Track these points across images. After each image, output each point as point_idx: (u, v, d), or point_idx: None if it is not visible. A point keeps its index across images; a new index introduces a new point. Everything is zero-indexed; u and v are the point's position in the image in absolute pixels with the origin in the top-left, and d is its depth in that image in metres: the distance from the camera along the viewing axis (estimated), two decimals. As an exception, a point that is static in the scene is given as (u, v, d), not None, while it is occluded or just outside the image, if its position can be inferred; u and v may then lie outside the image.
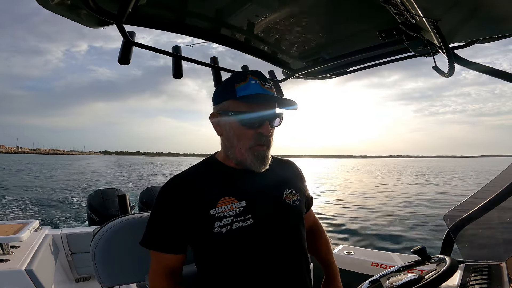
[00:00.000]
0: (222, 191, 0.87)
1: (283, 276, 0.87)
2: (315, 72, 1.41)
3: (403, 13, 0.77)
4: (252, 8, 0.98)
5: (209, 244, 0.86)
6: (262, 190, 0.91)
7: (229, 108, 0.87)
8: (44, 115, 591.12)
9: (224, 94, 0.89)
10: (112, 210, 2.56)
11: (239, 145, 0.87)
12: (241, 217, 0.84)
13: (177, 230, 0.85)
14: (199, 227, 0.85)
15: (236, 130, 0.86)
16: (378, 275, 0.97)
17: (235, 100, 0.85)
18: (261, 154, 0.87)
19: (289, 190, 0.96)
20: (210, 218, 0.83)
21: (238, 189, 0.88)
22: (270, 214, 0.89)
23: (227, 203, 0.85)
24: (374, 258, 1.81)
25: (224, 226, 0.83)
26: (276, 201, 0.92)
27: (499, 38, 0.93)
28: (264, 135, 0.86)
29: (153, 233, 0.87)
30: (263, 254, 0.86)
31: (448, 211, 1.38)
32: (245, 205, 0.85)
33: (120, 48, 0.95)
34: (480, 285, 0.97)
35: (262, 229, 0.86)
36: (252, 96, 0.84)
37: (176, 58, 1.08)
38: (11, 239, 1.63)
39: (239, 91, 0.84)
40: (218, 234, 0.82)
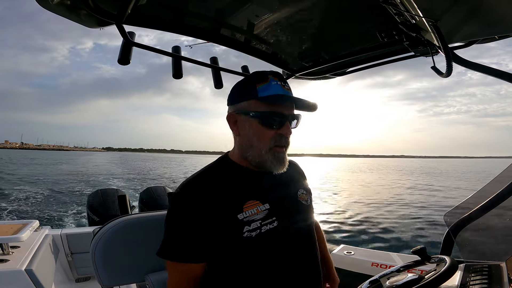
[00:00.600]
0: (245, 195, 0.85)
1: (304, 274, 0.89)
2: (315, 72, 1.41)
3: (403, 13, 0.77)
4: (252, 8, 0.98)
5: (237, 249, 0.83)
6: (281, 192, 0.91)
7: (250, 108, 0.85)
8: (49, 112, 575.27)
9: (244, 94, 0.87)
10: (112, 210, 2.56)
11: (259, 145, 0.85)
12: (268, 220, 0.84)
13: (201, 237, 0.82)
14: (226, 233, 0.82)
15: (256, 130, 0.85)
16: (378, 275, 0.97)
17: (257, 100, 0.84)
18: (280, 155, 0.87)
19: (301, 191, 0.97)
20: (238, 223, 0.81)
21: (260, 191, 0.87)
22: (290, 215, 0.90)
23: (253, 206, 0.84)
24: (374, 258, 1.81)
25: (254, 230, 0.82)
26: (294, 202, 0.93)
27: (499, 38, 0.93)
28: (284, 136, 0.85)
29: (175, 243, 0.83)
30: (287, 253, 0.87)
31: (448, 211, 1.38)
32: (269, 207, 0.85)
33: (120, 48, 0.95)
34: (480, 285, 0.97)
35: (285, 230, 0.87)
36: (274, 97, 0.83)
37: (176, 58, 1.08)
38: (11, 239, 1.63)
39: (260, 91, 0.84)
40: (248, 239, 0.81)
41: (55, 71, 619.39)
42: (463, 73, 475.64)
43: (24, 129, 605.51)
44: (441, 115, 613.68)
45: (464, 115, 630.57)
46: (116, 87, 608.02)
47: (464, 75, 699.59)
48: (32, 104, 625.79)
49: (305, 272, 0.90)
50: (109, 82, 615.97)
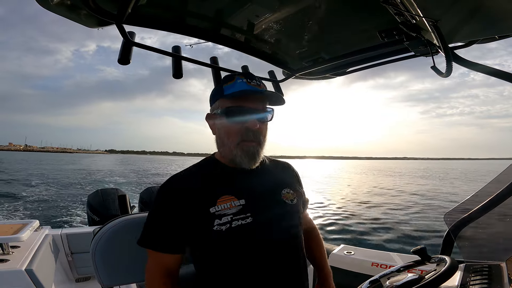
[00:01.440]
0: (221, 190, 0.87)
1: (281, 273, 0.88)
2: (315, 72, 1.41)
3: (403, 13, 0.77)
4: (252, 8, 0.98)
5: (208, 243, 0.86)
6: (260, 189, 0.92)
7: (219, 107, 0.91)
8: (53, 114, 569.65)
9: (215, 95, 0.94)
10: (112, 210, 2.56)
11: (228, 141, 0.89)
12: (241, 215, 0.85)
13: (176, 229, 0.86)
14: (198, 226, 0.85)
15: (224, 126, 0.89)
16: (378, 275, 0.97)
17: (223, 99, 0.89)
18: (250, 150, 0.88)
19: (286, 190, 0.97)
20: (209, 216, 0.84)
21: (237, 187, 0.89)
22: (268, 212, 0.90)
23: (227, 201, 0.86)
24: (374, 258, 1.81)
25: (224, 224, 0.83)
26: (274, 200, 0.93)
27: (499, 38, 0.93)
28: (251, 130, 0.87)
29: (151, 232, 0.88)
30: (262, 251, 0.87)
31: (448, 211, 1.38)
32: (244, 203, 0.86)
33: (120, 48, 0.95)
34: (480, 285, 0.97)
35: (261, 227, 0.87)
36: (238, 92, 0.87)
37: (176, 58, 1.08)
38: (11, 239, 1.63)
39: (226, 89, 0.89)
40: (218, 232, 0.83)
41: (59, 73, 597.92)
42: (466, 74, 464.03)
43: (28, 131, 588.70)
44: (444, 117, 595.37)
45: (467, 117, 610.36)
46: (119, 89, 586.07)
47: (467, 76, 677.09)
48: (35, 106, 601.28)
49: (282, 270, 0.89)
50: (112, 84, 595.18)
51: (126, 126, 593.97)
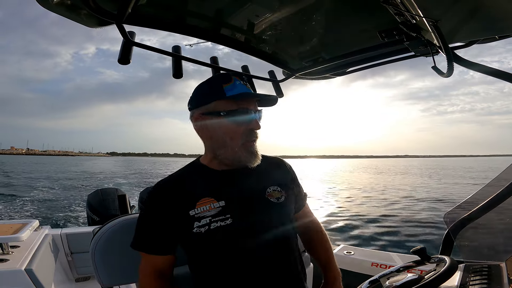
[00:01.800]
0: (201, 193, 0.88)
1: (269, 274, 0.87)
2: (315, 72, 1.41)
3: (403, 13, 0.77)
4: (252, 8, 0.98)
5: (190, 245, 0.89)
6: (242, 189, 0.92)
7: (218, 108, 0.88)
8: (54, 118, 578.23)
9: (211, 95, 0.89)
10: (112, 210, 2.56)
11: (231, 143, 0.88)
12: (220, 217, 0.85)
13: (162, 231, 0.88)
14: (180, 229, 0.87)
15: (228, 128, 0.88)
16: (378, 275, 0.97)
17: (224, 100, 0.87)
18: (253, 149, 0.90)
19: (272, 188, 0.95)
20: (189, 219, 0.85)
21: (218, 189, 0.90)
22: (250, 212, 0.89)
23: (206, 203, 0.86)
24: (374, 258, 1.81)
25: (203, 226, 0.84)
26: (257, 199, 0.92)
27: (499, 38, 0.93)
28: (254, 131, 0.90)
29: (141, 235, 0.91)
30: (245, 252, 0.87)
31: (448, 211, 1.38)
32: (224, 204, 0.87)
33: (120, 48, 0.95)
34: (480, 285, 0.97)
35: (241, 228, 0.87)
36: (241, 95, 0.87)
37: (176, 58, 1.08)
38: (11, 239, 1.63)
39: (227, 91, 0.87)
40: (197, 234, 0.85)
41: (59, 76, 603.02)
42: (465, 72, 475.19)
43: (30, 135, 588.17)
44: (444, 114, 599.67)
45: (468, 114, 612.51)
46: (119, 91, 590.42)
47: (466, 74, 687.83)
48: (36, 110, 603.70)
49: (271, 271, 0.88)
50: (112, 86, 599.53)
51: (127, 128, 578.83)
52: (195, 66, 1.16)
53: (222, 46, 1.18)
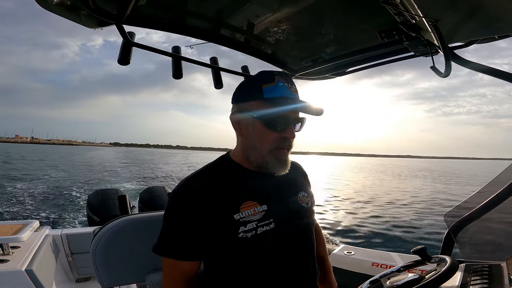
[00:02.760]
0: (243, 195, 0.84)
1: (299, 276, 0.89)
2: (315, 72, 1.41)
3: (403, 13, 0.77)
4: (252, 8, 0.98)
5: (232, 249, 0.83)
6: (280, 194, 0.90)
7: (254, 109, 0.83)
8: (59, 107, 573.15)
9: (250, 94, 0.85)
10: (112, 210, 2.56)
11: (261, 147, 0.84)
12: (265, 221, 0.83)
13: (196, 235, 0.82)
14: (221, 233, 0.82)
15: (259, 131, 0.84)
16: (379, 275, 0.96)
17: (262, 101, 0.82)
18: (283, 157, 0.86)
19: (302, 193, 0.96)
20: (234, 223, 0.81)
21: (259, 192, 0.87)
22: (289, 217, 0.89)
23: (250, 207, 0.83)
24: (374, 258, 1.80)
25: (249, 231, 0.81)
26: (293, 204, 0.93)
27: (499, 38, 0.93)
28: (288, 139, 0.85)
29: (170, 240, 0.83)
30: (284, 256, 0.87)
31: (448, 211, 1.38)
32: (266, 209, 0.85)
33: (120, 48, 0.95)
34: (481, 285, 0.97)
35: (283, 232, 0.86)
36: (280, 99, 0.81)
37: (176, 59, 1.08)
38: (11, 239, 1.63)
39: (266, 92, 0.82)
40: (243, 240, 0.81)
41: (66, 67, 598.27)
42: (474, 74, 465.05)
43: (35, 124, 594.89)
44: (450, 115, 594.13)
45: (474, 116, 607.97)
46: (125, 83, 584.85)
47: (475, 75, 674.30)
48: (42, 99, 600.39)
49: (301, 274, 0.90)
50: (118, 78, 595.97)
51: (131, 120, 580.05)
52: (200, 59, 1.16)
53: (222, 46, 1.18)
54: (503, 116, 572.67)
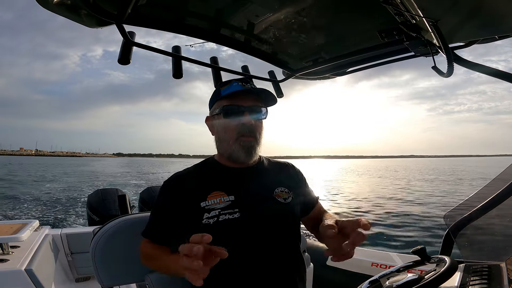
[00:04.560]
0: (213, 186, 0.94)
1: (268, 269, 0.90)
2: (315, 72, 1.41)
3: (403, 13, 0.77)
4: (252, 8, 0.98)
5: None
6: (252, 187, 0.97)
7: (216, 108, 0.98)
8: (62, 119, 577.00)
9: (213, 98, 1.02)
10: (112, 210, 2.56)
11: (226, 137, 0.96)
12: (228, 210, 0.90)
13: (172, 221, 0.92)
14: (190, 219, 0.91)
15: (222, 124, 0.96)
16: (378, 275, 0.96)
17: (220, 100, 0.97)
18: (246, 144, 0.94)
19: (280, 189, 1.00)
20: (200, 210, 0.90)
21: (229, 184, 0.95)
22: (257, 209, 0.93)
23: (217, 196, 0.92)
24: (374, 258, 1.81)
25: (212, 217, 0.89)
26: (265, 198, 0.97)
27: (499, 38, 0.93)
28: (246, 125, 0.93)
29: (151, 223, 0.96)
30: (250, 246, 0.90)
31: (448, 211, 1.38)
32: (233, 199, 0.92)
33: (120, 48, 0.95)
34: (480, 285, 0.97)
35: (248, 222, 0.91)
36: (233, 93, 0.94)
37: (176, 58, 1.08)
38: (11, 239, 1.63)
39: (223, 91, 0.97)
40: (206, 226, 0.88)
41: (67, 78, 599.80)
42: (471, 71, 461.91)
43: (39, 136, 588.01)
44: (451, 114, 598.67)
45: (475, 113, 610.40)
46: (126, 93, 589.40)
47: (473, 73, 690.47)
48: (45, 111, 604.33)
49: (271, 266, 0.91)
50: (119, 88, 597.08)
51: (133, 129, 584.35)
52: (201, 68, 1.18)
53: (226, 48, 1.18)
54: (504, 113, 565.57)
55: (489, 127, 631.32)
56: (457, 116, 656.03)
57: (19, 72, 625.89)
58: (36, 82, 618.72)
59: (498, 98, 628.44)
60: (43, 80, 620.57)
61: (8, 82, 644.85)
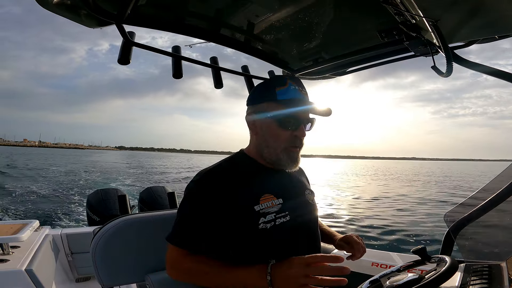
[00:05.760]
0: (261, 188, 0.90)
1: None
2: (315, 72, 1.41)
3: (403, 13, 0.77)
4: (252, 8, 0.98)
5: (253, 240, 0.85)
6: (292, 189, 0.97)
7: (268, 109, 0.91)
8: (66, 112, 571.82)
9: (264, 96, 0.93)
10: (112, 210, 2.56)
11: (275, 145, 0.91)
12: (281, 214, 0.89)
13: (212, 227, 0.83)
14: (241, 223, 0.84)
15: (273, 130, 0.90)
16: (378, 275, 0.96)
17: (275, 102, 0.89)
18: (294, 155, 0.92)
19: (308, 191, 1.03)
20: (254, 214, 0.85)
21: (274, 187, 0.92)
22: (300, 211, 0.95)
23: (268, 199, 0.88)
24: (374, 258, 1.80)
25: (269, 222, 0.86)
26: (303, 200, 0.99)
27: (499, 38, 0.93)
28: (299, 138, 0.91)
29: (186, 229, 0.84)
30: (298, 247, 0.91)
31: (448, 211, 1.38)
32: (282, 202, 0.90)
33: (120, 48, 0.95)
34: (480, 285, 0.97)
35: (297, 225, 0.92)
36: (291, 100, 0.88)
37: (176, 58, 1.08)
38: (11, 239, 1.63)
39: (279, 94, 0.89)
40: (263, 230, 0.85)
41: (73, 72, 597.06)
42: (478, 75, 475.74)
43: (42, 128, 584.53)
44: (456, 117, 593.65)
45: (480, 117, 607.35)
46: (130, 87, 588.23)
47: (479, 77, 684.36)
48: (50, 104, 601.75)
49: None
50: (124, 82, 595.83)
51: (136, 123, 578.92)
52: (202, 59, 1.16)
53: (222, 46, 1.18)
54: (509, 118, 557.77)
55: (494, 131, 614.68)
56: (462, 120, 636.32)
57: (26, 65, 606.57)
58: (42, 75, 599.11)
59: (503, 102, 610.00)
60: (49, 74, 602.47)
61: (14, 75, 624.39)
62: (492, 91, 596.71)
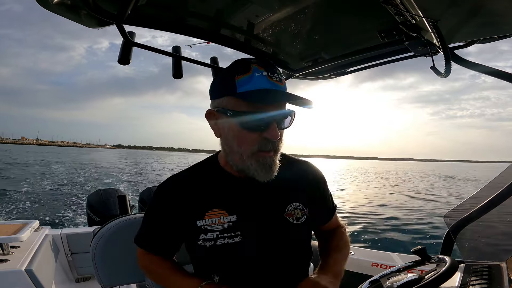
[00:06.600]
0: (213, 201, 0.78)
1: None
2: (315, 72, 1.41)
3: (403, 13, 0.77)
4: (252, 8, 0.98)
5: (193, 255, 0.85)
6: (259, 204, 0.79)
7: (227, 106, 0.71)
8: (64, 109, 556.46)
9: (223, 88, 0.73)
10: (112, 210, 2.56)
11: (239, 150, 0.72)
12: (228, 233, 0.76)
13: (169, 233, 0.83)
14: (186, 236, 0.82)
15: (236, 133, 0.72)
16: (378, 275, 0.96)
17: (235, 97, 0.70)
18: (267, 161, 0.72)
19: (294, 205, 0.83)
20: (195, 229, 0.77)
21: (232, 200, 0.78)
22: (262, 232, 0.78)
23: (216, 215, 0.76)
24: (374, 258, 1.81)
25: (208, 240, 0.76)
26: (274, 218, 0.80)
27: (499, 38, 0.93)
28: (271, 140, 0.71)
29: (147, 232, 0.88)
30: (250, 274, 0.78)
31: (448, 211, 1.38)
32: (235, 219, 0.76)
33: (120, 48, 0.95)
34: (480, 285, 0.97)
35: (250, 248, 0.77)
36: (255, 93, 0.67)
37: (176, 58, 1.08)
38: (11, 239, 1.63)
39: (239, 86, 0.68)
40: (201, 248, 0.77)
41: (72, 69, 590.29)
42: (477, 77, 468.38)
43: (40, 126, 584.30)
44: (454, 118, 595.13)
45: (478, 119, 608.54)
46: (130, 85, 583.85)
47: (478, 78, 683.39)
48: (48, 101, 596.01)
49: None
50: (123, 80, 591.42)
51: (135, 122, 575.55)
52: None
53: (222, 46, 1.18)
54: (507, 119, 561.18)
55: (492, 133, 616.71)
56: (460, 121, 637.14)
57: (25, 62, 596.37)
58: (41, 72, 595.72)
59: (501, 104, 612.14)
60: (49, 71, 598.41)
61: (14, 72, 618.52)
62: (490, 92, 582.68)
